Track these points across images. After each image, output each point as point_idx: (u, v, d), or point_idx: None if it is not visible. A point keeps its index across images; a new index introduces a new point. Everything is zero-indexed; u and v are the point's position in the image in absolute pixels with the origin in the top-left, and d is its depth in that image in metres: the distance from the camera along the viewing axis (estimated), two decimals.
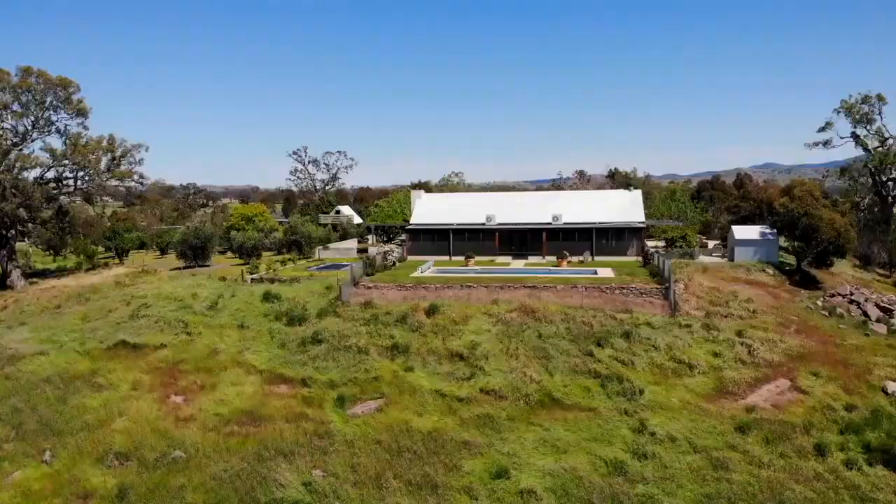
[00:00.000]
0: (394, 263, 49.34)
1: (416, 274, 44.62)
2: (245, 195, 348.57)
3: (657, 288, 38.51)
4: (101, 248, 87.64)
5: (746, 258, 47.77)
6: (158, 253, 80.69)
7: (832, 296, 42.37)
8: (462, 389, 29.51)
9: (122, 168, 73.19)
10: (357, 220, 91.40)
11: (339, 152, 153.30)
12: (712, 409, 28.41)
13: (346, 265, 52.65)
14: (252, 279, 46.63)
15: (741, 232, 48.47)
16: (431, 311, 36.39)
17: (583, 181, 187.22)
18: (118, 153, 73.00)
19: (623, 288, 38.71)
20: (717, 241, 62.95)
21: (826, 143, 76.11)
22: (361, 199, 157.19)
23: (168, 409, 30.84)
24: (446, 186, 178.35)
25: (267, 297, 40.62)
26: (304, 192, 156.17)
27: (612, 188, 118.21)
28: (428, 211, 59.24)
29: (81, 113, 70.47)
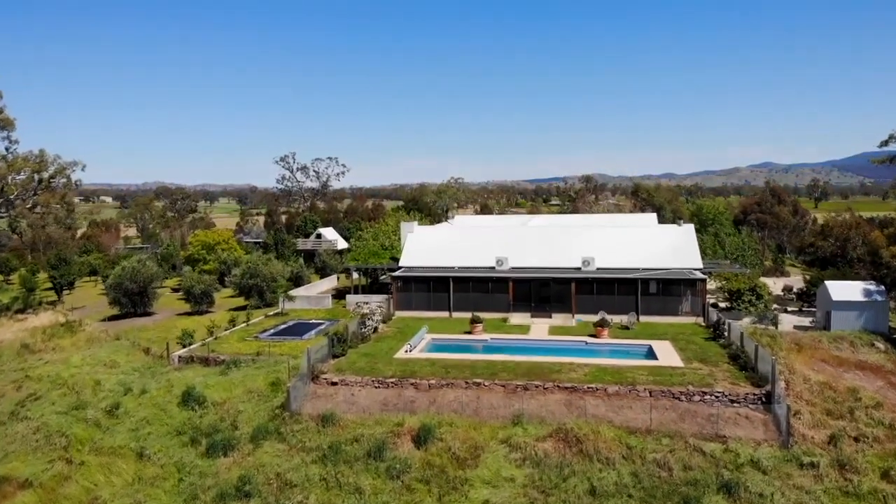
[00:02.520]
0: (375, 329, 37.06)
1: (403, 354, 32.35)
2: (243, 195, 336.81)
3: (754, 394, 26.31)
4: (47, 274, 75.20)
5: (847, 326, 35.61)
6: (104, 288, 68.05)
7: None
8: None
9: (56, 189, 61.13)
10: (342, 244, 79.07)
11: (329, 158, 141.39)
12: None
13: (313, 327, 40.46)
14: (180, 357, 34.34)
15: (840, 291, 36.18)
16: (422, 438, 24.15)
17: (589, 187, 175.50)
18: (50, 171, 60.93)
19: (705, 393, 26.46)
20: (783, 285, 50.63)
21: (893, 160, 65.05)
22: (354, 210, 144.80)
23: None
24: (446, 192, 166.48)
25: (187, 399, 28.34)
26: (292, 197, 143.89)
27: (634, 206, 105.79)
28: (422, 248, 46.97)
29: (4, 125, 58.47)
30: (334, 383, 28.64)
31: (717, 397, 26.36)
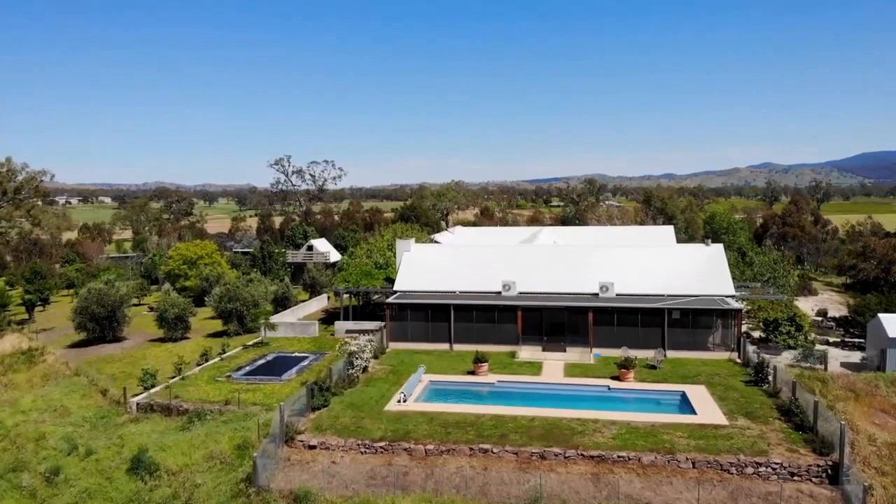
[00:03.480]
0: (364, 369, 32.50)
1: (395, 405, 27.80)
2: (242, 195, 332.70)
3: (818, 465, 21.78)
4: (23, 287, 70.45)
5: None
6: None
7: None
8: None
9: (24, 201, 56.63)
10: (334, 255, 74.53)
11: (325, 161, 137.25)
12: None
13: (295, 363, 35.92)
14: (138, 404, 29.78)
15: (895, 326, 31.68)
16: None
17: (592, 189, 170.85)
18: (18, 181, 56.40)
19: (759, 464, 21.93)
20: (817, 309, 46.12)
21: None
22: (350, 215, 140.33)
23: None
24: (445, 194, 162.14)
25: (137, 465, 23.79)
26: (287, 201, 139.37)
27: (646, 214, 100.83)
28: (420, 270, 42.43)
29: None
30: (312, 446, 24.09)
31: (773, 469, 21.83)
